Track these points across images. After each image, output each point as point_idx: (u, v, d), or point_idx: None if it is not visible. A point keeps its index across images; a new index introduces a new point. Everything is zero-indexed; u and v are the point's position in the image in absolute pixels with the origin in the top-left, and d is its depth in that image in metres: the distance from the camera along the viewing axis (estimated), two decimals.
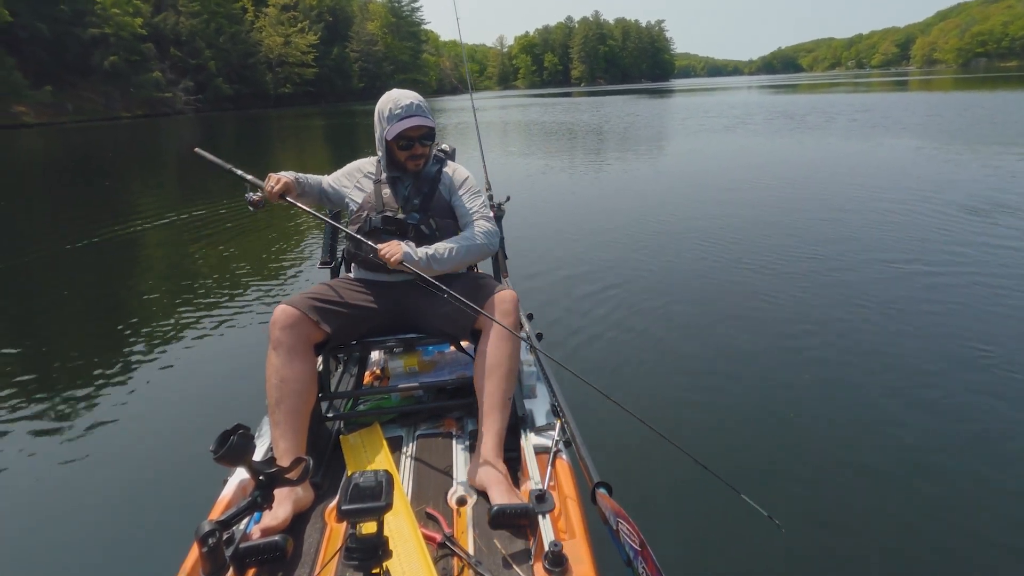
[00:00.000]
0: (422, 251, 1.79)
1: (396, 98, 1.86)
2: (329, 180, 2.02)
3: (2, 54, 36.75)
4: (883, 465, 2.26)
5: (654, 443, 2.48)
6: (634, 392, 2.86)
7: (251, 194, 1.84)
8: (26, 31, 38.50)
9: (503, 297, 1.73)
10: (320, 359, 1.74)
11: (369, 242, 1.79)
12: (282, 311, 1.65)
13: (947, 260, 4.53)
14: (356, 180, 1.99)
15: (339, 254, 2.19)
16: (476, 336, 1.75)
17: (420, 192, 1.92)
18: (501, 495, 1.45)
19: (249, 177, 1.87)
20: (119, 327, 3.96)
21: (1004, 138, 11.43)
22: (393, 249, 1.74)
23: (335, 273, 2.16)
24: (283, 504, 1.42)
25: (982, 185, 7.24)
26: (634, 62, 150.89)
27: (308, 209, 1.89)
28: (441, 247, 1.82)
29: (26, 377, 3.28)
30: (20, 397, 3.04)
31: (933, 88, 35.71)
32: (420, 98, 1.89)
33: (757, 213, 6.38)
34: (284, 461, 1.45)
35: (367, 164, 2.02)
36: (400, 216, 1.85)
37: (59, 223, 7.83)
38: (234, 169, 1.91)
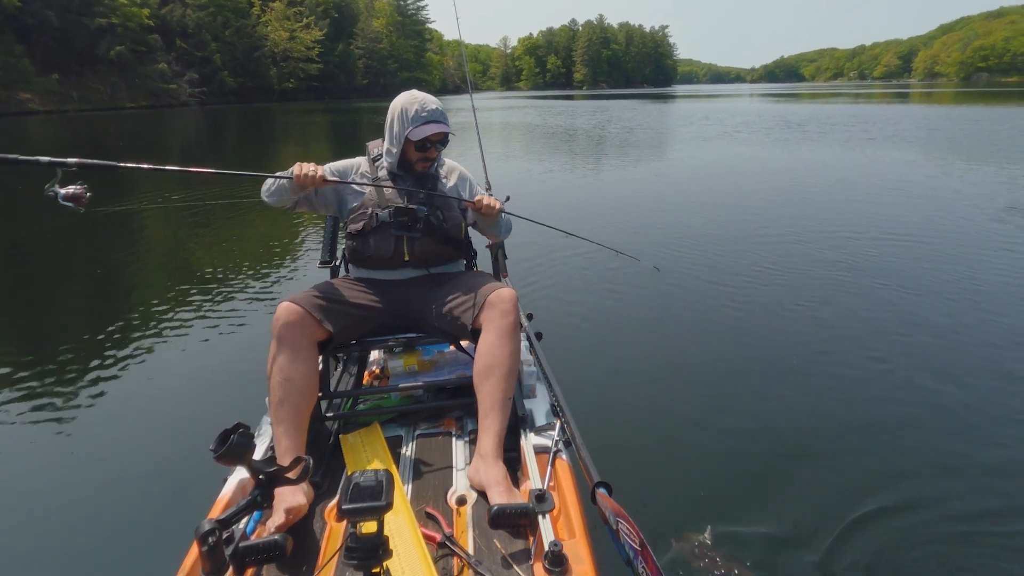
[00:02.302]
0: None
1: (422, 101, 1.87)
2: None
3: (10, 41, 36.66)
4: (909, 487, 2.20)
5: (654, 443, 2.50)
6: (635, 392, 2.87)
7: (65, 188, 1.38)
8: (34, 19, 38.41)
9: (503, 296, 1.73)
10: (320, 358, 1.74)
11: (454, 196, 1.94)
12: (285, 308, 1.65)
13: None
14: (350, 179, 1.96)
15: (339, 253, 2.18)
16: (476, 335, 1.75)
17: (423, 187, 1.94)
18: (501, 495, 1.45)
19: (43, 160, 1.36)
20: (118, 325, 3.93)
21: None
22: (492, 200, 1.89)
23: (335, 273, 2.16)
24: (283, 503, 1.42)
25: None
26: (637, 67, 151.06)
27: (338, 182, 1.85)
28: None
29: (24, 373, 3.25)
30: (18, 395, 3.01)
31: (935, 101, 35.78)
32: (440, 103, 1.91)
33: (758, 218, 6.38)
34: (285, 460, 1.44)
35: (360, 164, 2.00)
36: (412, 207, 1.86)
37: (69, 212, 7.81)
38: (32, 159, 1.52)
